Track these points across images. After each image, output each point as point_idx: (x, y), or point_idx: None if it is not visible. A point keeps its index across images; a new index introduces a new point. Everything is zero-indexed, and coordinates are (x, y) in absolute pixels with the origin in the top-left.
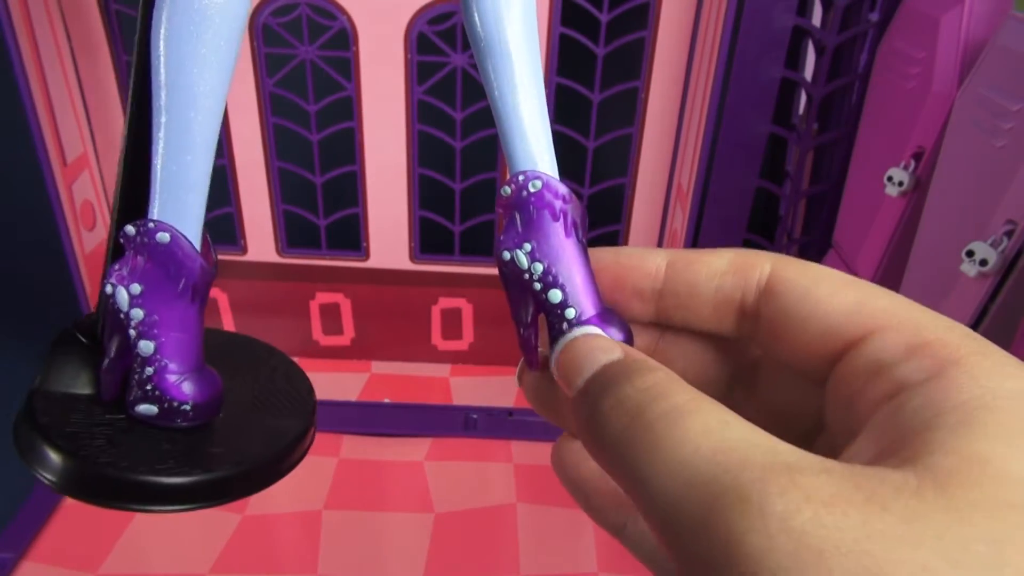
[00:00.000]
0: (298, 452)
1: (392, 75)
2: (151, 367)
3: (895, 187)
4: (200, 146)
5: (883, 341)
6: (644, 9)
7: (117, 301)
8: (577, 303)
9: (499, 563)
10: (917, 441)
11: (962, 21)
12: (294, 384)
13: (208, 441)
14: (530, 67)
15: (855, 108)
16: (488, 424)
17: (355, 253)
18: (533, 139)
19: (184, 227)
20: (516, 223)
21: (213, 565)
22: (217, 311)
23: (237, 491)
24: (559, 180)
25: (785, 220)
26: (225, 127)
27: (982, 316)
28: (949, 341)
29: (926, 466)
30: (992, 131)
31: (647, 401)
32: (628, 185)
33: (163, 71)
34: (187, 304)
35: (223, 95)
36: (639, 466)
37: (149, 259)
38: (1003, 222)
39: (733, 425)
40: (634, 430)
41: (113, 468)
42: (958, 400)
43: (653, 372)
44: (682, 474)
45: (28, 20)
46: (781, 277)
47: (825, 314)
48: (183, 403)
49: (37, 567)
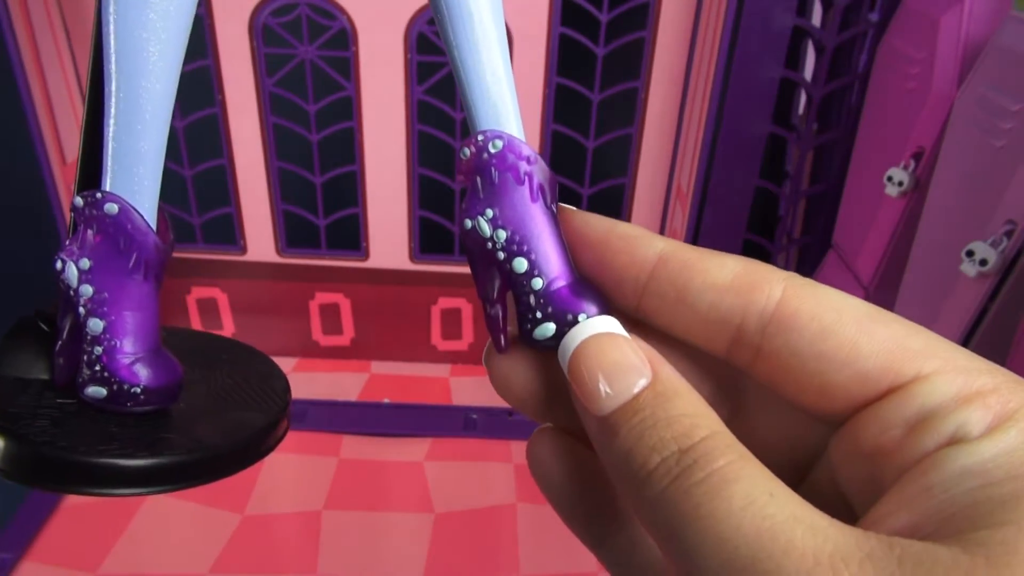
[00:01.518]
0: (262, 446)
1: (392, 75)
2: (100, 346)
3: (895, 187)
4: (151, 116)
5: (930, 388)
6: (644, 9)
7: (67, 277)
8: (544, 272)
9: (499, 563)
10: (966, 514)
11: (962, 21)
12: (269, 382)
13: (161, 427)
14: (493, 24)
15: (855, 108)
16: (488, 424)
17: (355, 253)
18: (497, 98)
19: (136, 200)
20: (478, 188)
21: (213, 565)
22: (217, 311)
23: (186, 478)
24: (523, 142)
25: (785, 220)
26: (225, 127)
27: (982, 316)
28: (1001, 390)
29: (977, 541)
30: (992, 131)
31: (690, 464)
32: (628, 185)
33: (112, 37)
34: (139, 281)
35: (176, 64)
36: (680, 536)
37: (98, 233)
38: (1003, 222)
39: (777, 498)
40: (674, 495)
41: (50, 447)
42: (1011, 466)
43: (695, 422)
44: (723, 554)
45: (28, 20)
46: (794, 306)
47: (855, 358)
48: (134, 386)
49: (37, 567)
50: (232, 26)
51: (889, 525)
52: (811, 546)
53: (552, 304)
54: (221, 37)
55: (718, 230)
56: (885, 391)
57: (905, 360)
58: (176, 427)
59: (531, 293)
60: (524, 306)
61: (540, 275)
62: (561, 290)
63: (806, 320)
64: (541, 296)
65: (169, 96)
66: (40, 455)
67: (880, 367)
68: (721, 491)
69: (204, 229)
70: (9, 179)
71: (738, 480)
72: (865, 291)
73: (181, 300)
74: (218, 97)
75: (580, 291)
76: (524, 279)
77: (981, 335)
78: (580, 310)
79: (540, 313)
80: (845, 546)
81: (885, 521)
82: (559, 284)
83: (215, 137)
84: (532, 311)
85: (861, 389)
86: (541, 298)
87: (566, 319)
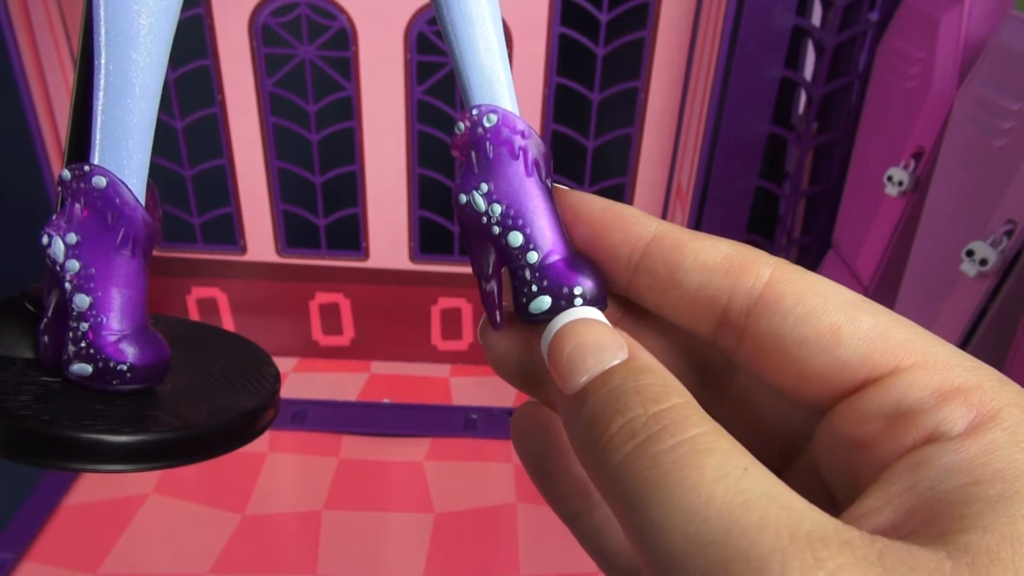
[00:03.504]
0: (249, 429)
1: (392, 75)
2: (86, 323)
3: (895, 187)
4: (141, 89)
5: (909, 382)
6: (644, 9)
7: (53, 252)
8: (540, 246)
9: (499, 563)
10: (951, 514)
11: (962, 21)
12: (258, 368)
13: (148, 405)
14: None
15: (855, 108)
16: (488, 424)
17: (355, 253)
18: (491, 73)
19: (125, 175)
20: (472, 163)
21: (213, 565)
22: (217, 311)
23: (170, 456)
24: (518, 116)
25: (785, 220)
26: (225, 127)
27: (982, 316)
28: (985, 388)
29: (961, 546)
30: (991, 131)
31: (657, 429)
32: (628, 185)
33: (103, 9)
34: (127, 258)
35: (167, 37)
36: (642, 506)
37: (86, 207)
38: (1003, 222)
39: (752, 473)
40: (639, 462)
41: (34, 421)
42: (997, 466)
43: (666, 391)
44: (690, 527)
45: (28, 20)
46: (780, 290)
47: (835, 345)
48: (120, 363)
49: (37, 567)
50: (232, 26)
51: (871, 521)
52: (786, 523)
53: (548, 277)
54: (221, 37)
55: (718, 230)
56: (863, 381)
57: (887, 351)
58: (162, 406)
59: (526, 267)
60: (519, 280)
61: (535, 249)
62: (557, 263)
63: (791, 303)
64: (536, 270)
65: (160, 69)
66: (23, 429)
67: (860, 356)
68: (693, 460)
69: (204, 229)
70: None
71: (711, 452)
72: (865, 291)
73: (181, 300)
74: (218, 97)
75: (576, 264)
76: (519, 253)
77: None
78: (575, 283)
79: (536, 287)
80: (823, 528)
81: (869, 516)
82: (554, 258)
83: (215, 137)
84: (527, 285)
85: (840, 377)
86: (536, 272)
87: (562, 292)
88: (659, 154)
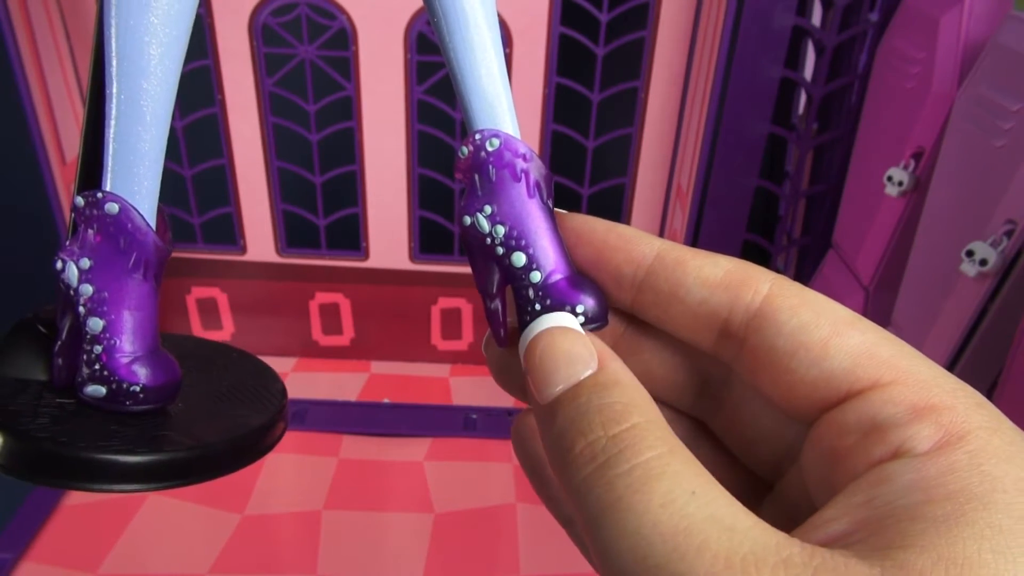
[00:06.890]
0: (259, 445)
1: (392, 75)
2: (100, 345)
3: (895, 187)
4: (152, 117)
5: (886, 397)
6: (644, 9)
7: (67, 277)
8: (542, 266)
9: (499, 563)
10: (897, 530)
11: (962, 21)
12: (265, 383)
13: (160, 425)
14: (487, 25)
15: (855, 108)
16: (488, 424)
17: (355, 253)
18: (492, 97)
19: (136, 200)
20: (476, 186)
21: (213, 565)
22: (217, 311)
23: (185, 475)
24: (519, 139)
25: (785, 220)
26: (225, 127)
27: (982, 316)
28: (957, 408)
29: (898, 562)
30: (991, 131)
31: (615, 452)
32: (628, 185)
33: (114, 40)
34: (139, 281)
35: (176, 66)
36: (599, 527)
37: (99, 232)
38: (1003, 222)
39: (699, 496)
40: (598, 485)
41: (51, 443)
42: (952, 487)
43: (627, 410)
44: (637, 549)
45: (28, 20)
46: (777, 304)
47: (823, 357)
48: (133, 384)
49: (37, 567)
50: (232, 26)
51: (826, 531)
52: (725, 547)
53: (551, 296)
54: (221, 37)
55: (718, 230)
56: (846, 394)
57: (870, 366)
58: (175, 426)
59: (530, 286)
60: (523, 299)
61: (538, 268)
62: (559, 283)
63: (786, 317)
64: (539, 289)
65: (169, 98)
66: (41, 451)
67: (845, 370)
68: (644, 486)
69: (204, 229)
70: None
71: (661, 476)
72: (865, 291)
73: (181, 300)
74: (218, 97)
75: (577, 283)
76: (523, 273)
77: (981, 335)
78: (578, 301)
79: (539, 305)
80: (763, 549)
81: (825, 526)
82: (557, 277)
83: (215, 137)
84: (531, 303)
85: (825, 391)
86: (540, 291)
87: (564, 310)
88: (659, 154)
